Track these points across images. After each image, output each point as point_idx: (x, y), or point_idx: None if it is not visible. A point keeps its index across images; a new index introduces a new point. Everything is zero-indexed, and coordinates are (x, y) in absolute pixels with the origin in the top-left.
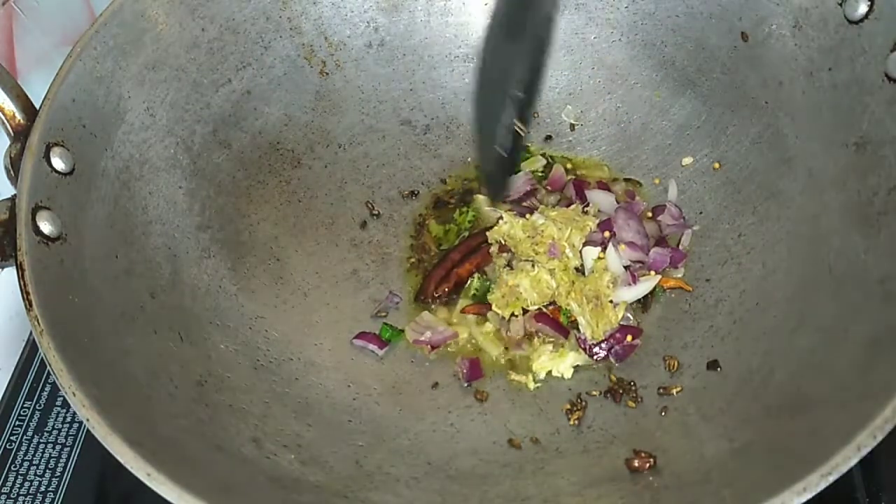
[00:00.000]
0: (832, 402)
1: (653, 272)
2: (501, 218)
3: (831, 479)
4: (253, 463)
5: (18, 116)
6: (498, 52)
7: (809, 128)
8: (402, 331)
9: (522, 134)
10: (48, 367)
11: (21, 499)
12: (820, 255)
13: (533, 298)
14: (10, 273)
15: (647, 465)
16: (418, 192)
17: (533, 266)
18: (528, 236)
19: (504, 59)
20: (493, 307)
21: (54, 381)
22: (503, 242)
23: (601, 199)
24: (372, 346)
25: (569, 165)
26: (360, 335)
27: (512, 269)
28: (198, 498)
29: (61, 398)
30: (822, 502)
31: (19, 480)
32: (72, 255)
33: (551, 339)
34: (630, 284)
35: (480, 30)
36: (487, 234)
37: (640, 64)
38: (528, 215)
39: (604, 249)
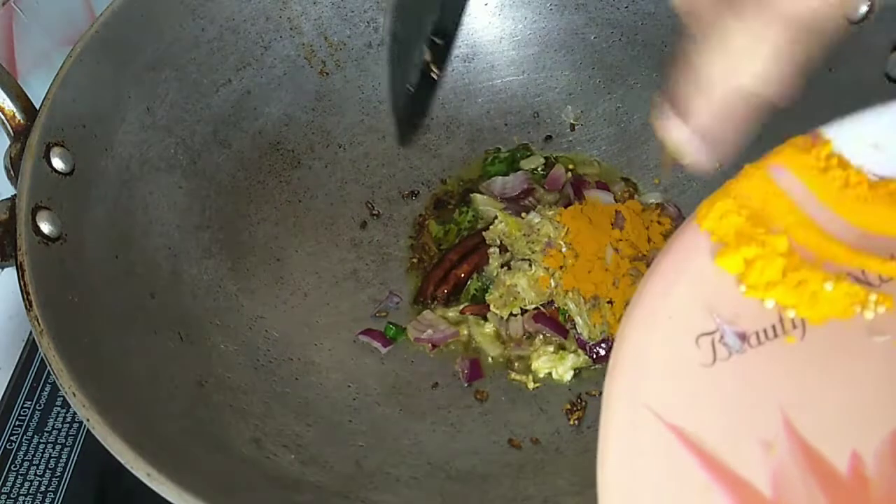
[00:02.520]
0: None
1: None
2: (497, 217)
3: None
4: (253, 463)
5: (18, 116)
6: None
7: (810, 128)
8: (405, 329)
9: (436, 78)
10: (48, 367)
11: (21, 499)
12: None
13: (531, 298)
14: (10, 273)
15: None
16: (418, 192)
17: (530, 265)
18: (524, 234)
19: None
20: (492, 307)
21: (54, 381)
22: (501, 242)
23: (600, 199)
24: (376, 343)
25: (570, 166)
26: (366, 331)
27: (510, 268)
28: (198, 498)
29: (61, 398)
30: None
31: (19, 480)
32: (72, 255)
33: (551, 340)
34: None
35: (480, 30)
36: (484, 234)
37: (640, 64)
38: (523, 214)
39: None
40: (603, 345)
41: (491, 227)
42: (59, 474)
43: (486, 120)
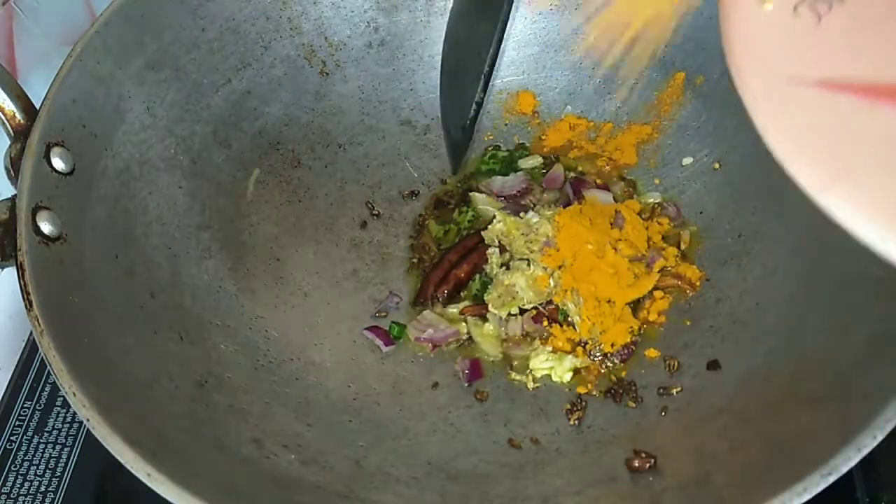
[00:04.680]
0: (832, 402)
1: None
2: (495, 217)
3: (831, 479)
4: (253, 463)
5: (18, 116)
6: (468, 28)
7: None
8: (405, 326)
9: (481, 101)
10: (48, 367)
11: (21, 499)
12: (820, 255)
13: (529, 297)
14: (10, 273)
15: (647, 465)
16: (418, 192)
17: (528, 265)
18: (522, 234)
19: (474, 34)
20: (490, 307)
21: (54, 381)
22: (499, 242)
23: (600, 199)
24: (379, 341)
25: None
26: (370, 328)
27: (509, 268)
28: (198, 498)
29: (61, 398)
30: (822, 502)
31: (19, 480)
32: (72, 255)
33: (550, 341)
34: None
35: None
36: (483, 233)
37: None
38: (521, 213)
39: None
40: (602, 345)
41: (489, 226)
42: (59, 474)
43: (487, 120)
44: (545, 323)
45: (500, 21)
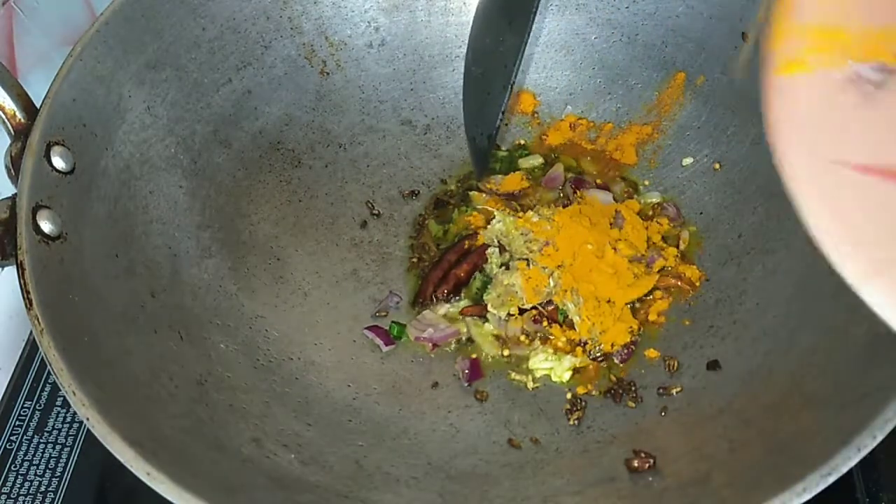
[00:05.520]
0: (832, 402)
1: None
2: (494, 216)
3: (831, 479)
4: (253, 463)
5: (19, 115)
6: (493, 40)
7: None
8: (405, 326)
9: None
10: (48, 366)
11: (21, 499)
12: (819, 254)
13: (529, 297)
14: (10, 273)
15: (647, 465)
16: (418, 192)
17: (528, 265)
18: (522, 234)
19: (500, 46)
20: (489, 307)
21: (54, 381)
22: (499, 242)
23: (600, 199)
24: (379, 341)
25: (571, 164)
26: (371, 328)
27: (508, 268)
28: (198, 498)
29: (61, 398)
30: (822, 502)
31: (19, 480)
32: (72, 255)
33: (550, 341)
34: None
35: None
36: (480, 233)
37: (640, 64)
38: (520, 213)
39: None
40: (601, 345)
41: (489, 226)
42: (59, 474)
43: None
44: (545, 323)
45: (526, 34)
